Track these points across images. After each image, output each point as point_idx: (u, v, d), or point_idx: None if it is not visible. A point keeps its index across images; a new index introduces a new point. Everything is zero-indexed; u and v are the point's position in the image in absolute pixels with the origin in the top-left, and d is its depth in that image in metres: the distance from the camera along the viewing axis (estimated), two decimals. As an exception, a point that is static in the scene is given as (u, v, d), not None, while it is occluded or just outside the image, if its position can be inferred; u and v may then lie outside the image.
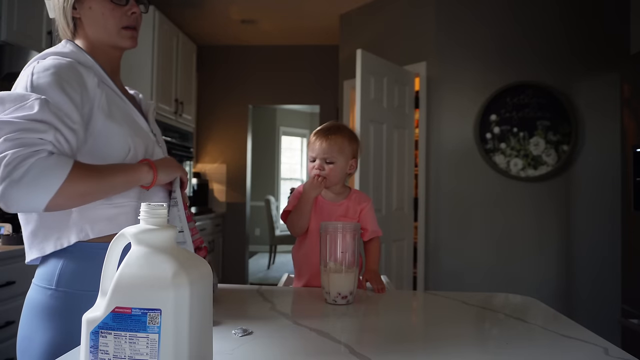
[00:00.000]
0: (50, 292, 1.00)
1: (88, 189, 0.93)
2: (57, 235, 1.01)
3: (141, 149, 1.09)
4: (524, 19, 3.36)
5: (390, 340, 0.95)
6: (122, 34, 1.13)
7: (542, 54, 3.32)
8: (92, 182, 0.94)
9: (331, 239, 1.21)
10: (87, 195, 0.95)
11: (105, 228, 1.02)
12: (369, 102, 3.11)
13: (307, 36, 5.05)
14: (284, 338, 0.92)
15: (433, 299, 1.36)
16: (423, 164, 3.48)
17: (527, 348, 0.89)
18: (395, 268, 3.36)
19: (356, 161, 1.51)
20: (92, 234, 1.02)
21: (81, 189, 0.92)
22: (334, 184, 1.48)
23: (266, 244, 7.58)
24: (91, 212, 1.02)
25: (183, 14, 4.40)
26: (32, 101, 0.91)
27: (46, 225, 1.02)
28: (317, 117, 5.67)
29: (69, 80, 0.98)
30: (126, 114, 1.10)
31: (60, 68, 1.00)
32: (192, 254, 0.71)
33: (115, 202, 1.03)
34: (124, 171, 1.00)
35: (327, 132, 1.47)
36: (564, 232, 3.29)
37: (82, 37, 1.13)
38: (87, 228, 1.01)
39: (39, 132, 0.89)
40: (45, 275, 1.02)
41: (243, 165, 5.37)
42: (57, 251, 1.02)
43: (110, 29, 1.11)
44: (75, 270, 1.01)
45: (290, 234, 6.22)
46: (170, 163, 1.11)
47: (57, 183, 0.87)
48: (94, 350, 0.61)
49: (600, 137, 3.25)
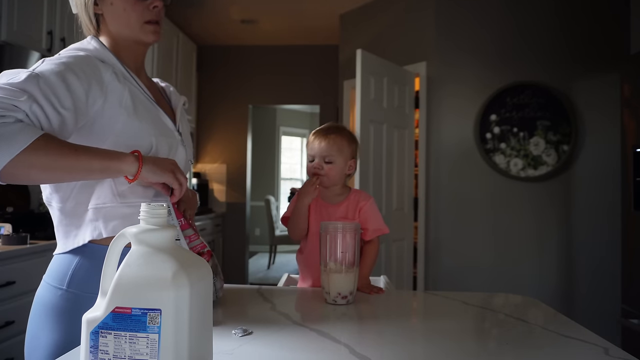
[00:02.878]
0: (61, 293, 0.99)
1: (52, 164, 0.87)
2: (75, 232, 1.02)
3: (164, 148, 1.07)
4: (524, 19, 3.36)
5: (390, 340, 0.94)
6: (145, 29, 1.10)
7: (542, 54, 3.32)
8: (58, 157, 0.88)
9: (331, 239, 1.21)
10: (51, 170, 0.88)
11: (119, 227, 1.00)
12: (369, 102, 3.11)
13: (307, 36, 5.05)
14: (284, 338, 0.92)
15: (433, 299, 1.36)
16: (423, 164, 3.48)
17: (527, 348, 0.89)
18: (395, 268, 3.36)
19: (355, 162, 1.50)
20: (105, 233, 1.00)
21: (42, 161, 0.86)
22: (333, 183, 1.47)
23: (266, 244, 7.58)
24: (105, 210, 1.01)
25: (183, 14, 4.40)
26: (22, 73, 0.89)
27: (65, 222, 1.03)
28: (317, 117, 5.67)
29: (77, 72, 0.96)
30: (150, 111, 1.08)
31: (75, 59, 0.98)
32: (192, 254, 0.71)
33: (129, 202, 1.02)
34: (105, 156, 0.93)
35: (327, 131, 1.47)
36: (564, 232, 3.29)
37: (105, 34, 1.11)
38: (100, 226, 1.00)
39: (15, 98, 0.85)
40: (58, 274, 1.01)
41: (243, 165, 5.37)
42: (73, 250, 1.01)
43: (133, 24, 1.09)
44: (87, 272, 1.00)
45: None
46: (163, 164, 1.00)
47: (15, 150, 0.82)
48: (94, 350, 0.61)
49: (600, 137, 3.25)
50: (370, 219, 1.45)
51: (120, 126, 1.01)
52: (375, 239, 1.47)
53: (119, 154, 0.96)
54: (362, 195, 1.48)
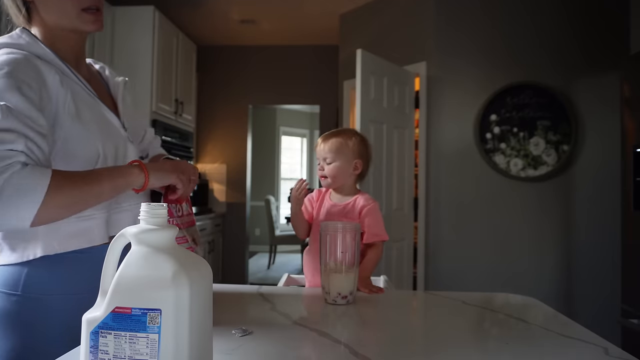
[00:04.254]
0: (16, 298, 0.93)
1: (73, 199, 0.86)
2: (24, 246, 0.94)
3: (111, 152, 1.02)
4: (524, 19, 3.36)
5: (390, 340, 0.94)
6: (82, 17, 1.00)
7: (542, 54, 3.32)
8: (77, 192, 0.87)
9: (331, 239, 1.21)
10: (74, 206, 0.88)
11: (74, 243, 0.96)
12: (369, 102, 3.11)
13: (307, 36, 5.05)
14: (284, 338, 0.92)
15: (433, 299, 1.36)
16: (423, 164, 3.48)
17: (527, 348, 0.89)
18: (395, 268, 3.36)
19: (362, 163, 1.51)
20: (59, 249, 0.95)
21: (66, 200, 0.85)
22: (337, 183, 1.50)
23: (266, 244, 7.58)
24: (59, 225, 0.94)
25: (183, 14, 4.40)
26: None
27: (11, 235, 0.95)
28: (317, 117, 5.67)
29: (27, 80, 0.89)
30: (94, 111, 1.01)
31: (16, 65, 0.89)
32: (192, 254, 0.71)
33: (83, 215, 0.96)
34: (112, 177, 0.93)
35: (328, 134, 1.52)
36: (564, 232, 3.29)
37: (38, 24, 1.01)
38: (54, 244, 0.95)
39: (7, 142, 0.81)
40: (8, 281, 0.95)
41: (243, 165, 5.37)
42: (21, 262, 0.95)
43: (69, 12, 0.99)
44: (42, 275, 0.95)
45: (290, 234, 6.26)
46: (165, 168, 1.02)
47: (39, 198, 0.81)
48: (94, 350, 0.61)
49: (600, 137, 3.25)
50: (369, 222, 1.45)
51: (64, 133, 0.94)
52: (379, 244, 1.46)
53: (124, 169, 0.96)
54: (366, 199, 1.50)
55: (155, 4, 3.67)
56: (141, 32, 3.59)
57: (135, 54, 3.58)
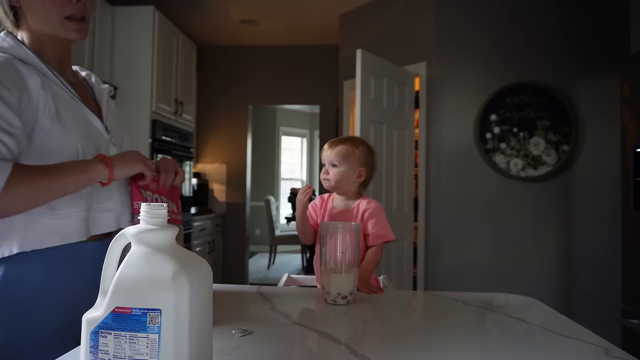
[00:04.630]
0: None
1: (34, 192, 0.88)
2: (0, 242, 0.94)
3: (91, 152, 1.02)
4: (523, 19, 3.36)
5: (390, 340, 0.95)
6: (66, 26, 1.01)
7: (541, 54, 3.32)
8: (38, 184, 0.88)
9: (331, 239, 1.22)
10: (34, 199, 0.89)
11: (51, 240, 0.96)
12: (369, 102, 3.11)
13: (307, 36, 5.05)
14: (284, 338, 0.92)
15: (433, 299, 1.36)
16: (423, 164, 3.48)
17: (527, 348, 0.89)
18: (395, 268, 3.36)
19: (366, 171, 1.52)
20: (36, 246, 0.95)
21: (25, 191, 0.86)
22: (339, 188, 1.52)
23: (266, 244, 7.58)
24: (35, 222, 0.94)
25: (183, 14, 4.40)
26: None
27: None
28: (317, 117, 5.67)
29: (5, 82, 0.90)
30: (76, 113, 1.02)
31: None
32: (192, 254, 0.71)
33: (61, 213, 0.97)
34: (75, 170, 0.94)
35: (336, 141, 1.55)
36: (564, 232, 3.29)
37: (25, 29, 1.02)
38: (31, 240, 0.94)
39: None
40: None
41: (243, 165, 5.38)
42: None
43: (53, 19, 0.99)
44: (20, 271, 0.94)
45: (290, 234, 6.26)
46: (129, 157, 1.03)
47: None
48: (94, 350, 0.61)
49: (600, 137, 3.25)
50: (373, 223, 1.47)
51: (43, 133, 0.95)
52: (379, 245, 1.47)
53: (87, 163, 0.96)
54: (368, 202, 1.52)
55: (155, 4, 3.67)
56: (141, 32, 3.59)
57: (135, 54, 3.58)
